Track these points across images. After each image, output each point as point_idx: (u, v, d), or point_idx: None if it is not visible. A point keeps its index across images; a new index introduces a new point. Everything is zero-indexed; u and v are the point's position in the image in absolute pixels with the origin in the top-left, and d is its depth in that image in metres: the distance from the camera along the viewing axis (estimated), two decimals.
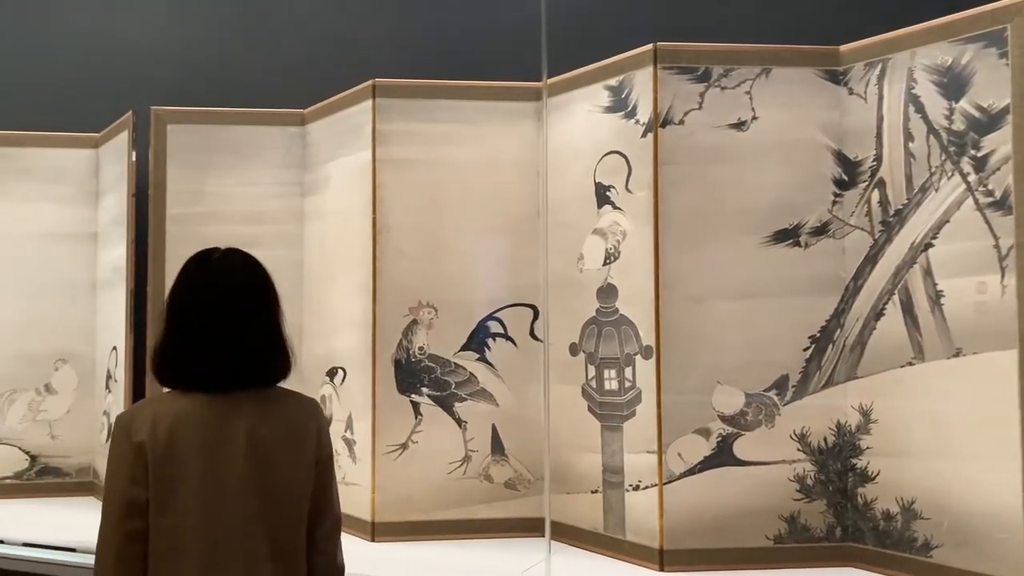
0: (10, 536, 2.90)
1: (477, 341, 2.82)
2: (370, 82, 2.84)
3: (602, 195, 2.63)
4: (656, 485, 2.44)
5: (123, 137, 3.27)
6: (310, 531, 1.69)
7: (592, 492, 2.63)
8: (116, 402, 3.22)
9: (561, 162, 2.77)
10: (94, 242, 3.52)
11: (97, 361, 3.48)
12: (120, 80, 3.76)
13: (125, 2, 3.85)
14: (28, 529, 2.94)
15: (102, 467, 3.39)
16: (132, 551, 1.57)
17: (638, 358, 2.51)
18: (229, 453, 1.60)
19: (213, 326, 1.62)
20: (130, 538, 1.57)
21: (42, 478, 3.47)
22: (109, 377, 3.32)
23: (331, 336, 3.03)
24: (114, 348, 3.27)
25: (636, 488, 2.50)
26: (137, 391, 3.11)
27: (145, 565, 1.58)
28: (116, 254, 3.27)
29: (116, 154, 3.34)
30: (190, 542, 1.57)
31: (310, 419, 1.71)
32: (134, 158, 3.18)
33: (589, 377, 2.65)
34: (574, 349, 2.70)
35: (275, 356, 1.69)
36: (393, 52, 3.39)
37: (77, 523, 3.07)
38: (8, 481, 3.45)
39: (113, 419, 3.27)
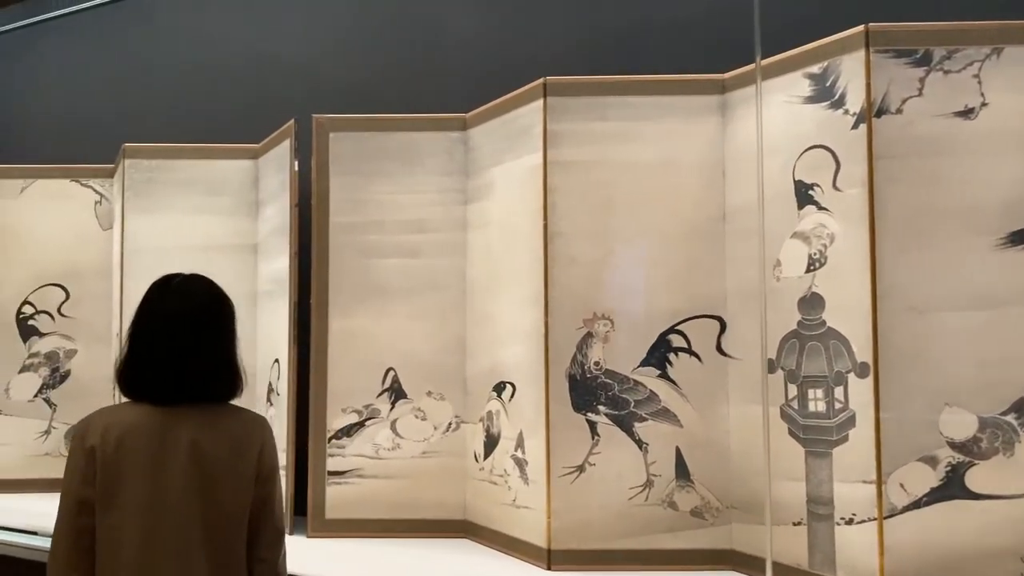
0: None
1: (658, 356, 2.60)
2: (540, 80, 2.68)
3: (803, 194, 2.37)
4: (874, 519, 2.16)
5: (284, 147, 3.21)
6: (251, 539, 1.82)
7: (794, 524, 2.37)
8: (279, 415, 3.16)
9: (750, 159, 2.54)
10: (254, 253, 3.50)
11: (257, 374, 3.44)
12: (277, 90, 3.75)
13: (280, 13, 3.83)
14: None
15: None
16: (82, 544, 1.74)
17: (851, 376, 2.24)
18: (171, 460, 1.75)
19: (163, 344, 1.80)
20: (81, 533, 1.74)
21: None
22: (271, 390, 3.26)
23: (497, 348, 2.88)
24: (276, 361, 3.21)
25: (849, 522, 2.23)
26: (301, 404, 3.03)
27: (94, 557, 1.74)
28: (278, 265, 3.22)
29: (277, 164, 3.30)
30: (130, 538, 1.72)
31: (254, 435, 1.86)
32: (296, 167, 3.12)
33: (789, 397, 2.39)
34: (771, 365, 2.45)
35: (221, 375, 1.85)
36: (555, 53, 3.21)
37: None
38: None
39: (275, 433, 3.21)
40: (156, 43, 4.16)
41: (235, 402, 1.95)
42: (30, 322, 3.89)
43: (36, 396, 3.86)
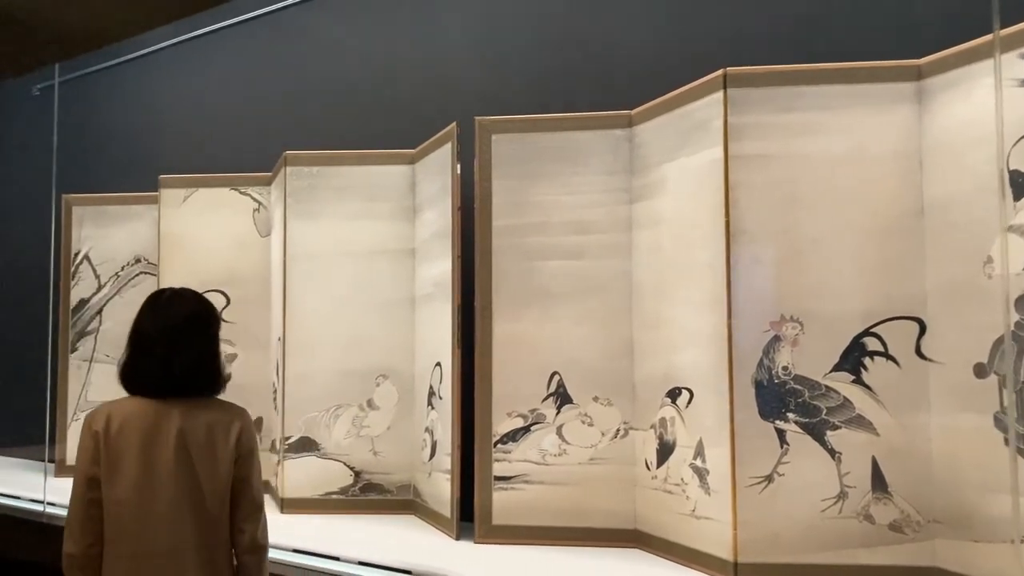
0: (346, 554, 2.89)
1: (852, 360, 2.46)
2: (720, 72, 2.57)
3: (1021, 185, 2.19)
4: None
5: (444, 150, 3.20)
6: (233, 512, 2.15)
7: (1014, 542, 2.18)
8: (441, 419, 3.14)
9: (952, 150, 2.37)
10: (411, 257, 3.50)
11: (416, 377, 3.45)
12: (431, 94, 3.76)
13: (439, 15, 3.84)
14: (358, 547, 2.92)
15: (424, 486, 3.34)
16: (92, 513, 2.07)
17: None
18: (162, 443, 2.08)
19: (154, 348, 2.13)
20: (91, 504, 2.08)
21: (366, 494, 3.47)
22: (432, 393, 3.25)
23: (669, 353, 2.78)
24: (438, 364, 3.20)
25: None
26: (466, 407, 3.01)
27: (101, 523, 2.07)
28: (439, 269, 3.20)
29: (436, 168, 3.29)
30: (129, 508, 2.06)
31: (232, 422, 2.17)
32: (459, 171, 3.10)
33: (1005, 404, 2.21)
34: (981, 370, 2.27)
35: (202, 373, 2.17)
36: (710, 48, 3.09)
37: (402, 543, 3.01)
38: (334, 496, 3.49)
39: (437, 437, 3.21)
40: (312, 53, 4.24)
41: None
42: None
43: None
